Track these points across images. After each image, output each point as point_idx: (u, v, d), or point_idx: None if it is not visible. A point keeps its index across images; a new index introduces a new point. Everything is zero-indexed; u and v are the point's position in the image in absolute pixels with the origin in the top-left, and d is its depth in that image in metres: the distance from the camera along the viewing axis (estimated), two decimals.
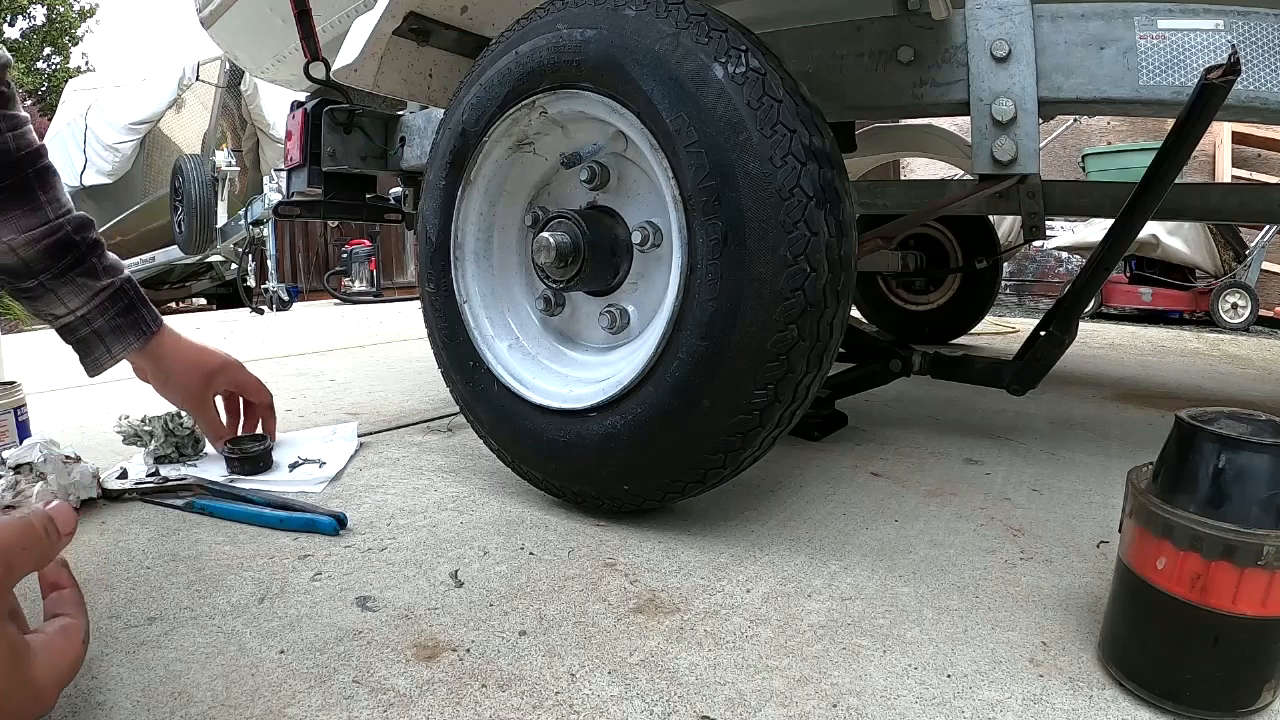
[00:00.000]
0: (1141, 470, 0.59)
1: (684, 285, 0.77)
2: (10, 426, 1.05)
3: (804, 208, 0.72)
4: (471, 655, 0.61)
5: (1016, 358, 1.20)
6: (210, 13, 1.81)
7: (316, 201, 1.52)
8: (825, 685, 0.58)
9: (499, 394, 0.94)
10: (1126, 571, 0.57)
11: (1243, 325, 3.82)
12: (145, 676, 0.57)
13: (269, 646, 0.61)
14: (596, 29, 0.81)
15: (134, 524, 0.87)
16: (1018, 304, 4.73)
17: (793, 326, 0.73)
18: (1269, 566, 0.49)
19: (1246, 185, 2.20)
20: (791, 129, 0.72)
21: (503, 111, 0.91)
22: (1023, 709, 0.55)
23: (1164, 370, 2.27)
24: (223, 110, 6.21)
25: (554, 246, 0.87)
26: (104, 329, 0.89)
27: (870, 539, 0.86)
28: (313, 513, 0.87)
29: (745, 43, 0.76)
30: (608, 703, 0.55)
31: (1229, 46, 0.85)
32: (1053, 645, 0.63)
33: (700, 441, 0.78)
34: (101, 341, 0.89)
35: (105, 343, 0.89)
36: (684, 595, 0.72)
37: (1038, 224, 1.90)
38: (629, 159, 0.91)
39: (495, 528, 0.88)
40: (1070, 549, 0.84)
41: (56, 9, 12.45)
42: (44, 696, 0.44)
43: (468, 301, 0.99)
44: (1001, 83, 0.95)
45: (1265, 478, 0.50)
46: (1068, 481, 1.09)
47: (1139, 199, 0.99)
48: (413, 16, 1.14)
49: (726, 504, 0.96)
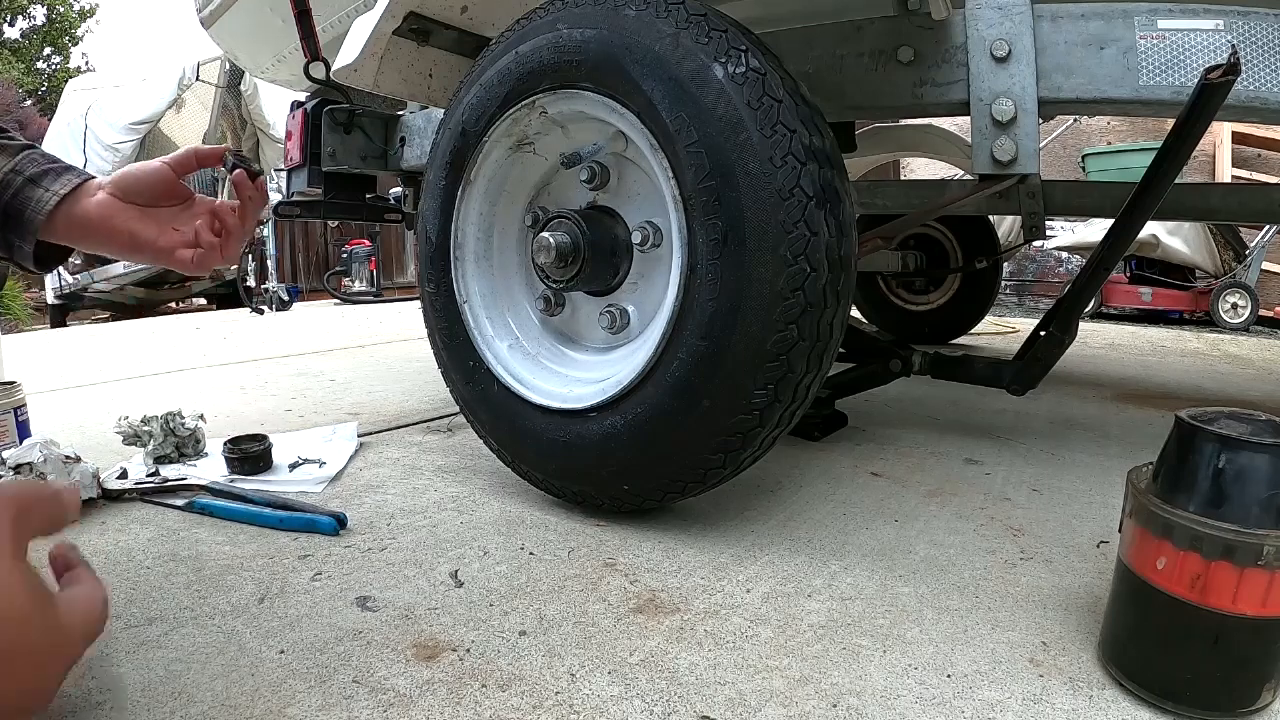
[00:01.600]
0: (1141, 470, 0.59)
1: (684, 285, 0.77)
2: (10, 426, 1.05)
3: (804, 208, 0.72)
4: (471, 655, 0.61)
5: (1016, 358, 1.19)
6: (210, 13, 1.81)
7: (316, 201, 1.52)
8: (825, 685, 0.58)
9: (499, 394, 0.94)
10: (1126, 571, 0.57)
11: (1243, 325, 3.82)
12: (145, 676, 0.57)
13: (269, 646, 0.61)
14: (596, 29, 0.81)
15: (134, 524, 0.87)
16: (1018, 304, 4.73)
17: (793, 326, 0.73)
18: (1269, 566, 0.49)
19: (1246, 185, 2.20)
20: (791, 129, 0.72)
21: (503, 111, 0.91)
22: (1023, 709, 0.55)
23: (1164, 370, 2.27)
24: (223, 110, 6.21)
25: (554, 246, 0.87)
26: (38, 175, 0.75)
27: (870, 539, 0.86)
28: (313, 513, 0.87)
29: (745, 43, 0.76)
30: (608, 703, 0.55)
31: (1229, 46, 0.85)
32: (1053, 645, 0.63)
33: (700, 441, 0.78)
34: (38, 185, 0.74)
35: (43, 184, 0.75)
36: (684, 595, 0.72)
37: (1038, 224, 1.90)
38: (629, 159, 0.91)
39: (495, 528, 0.88)
40: (1070, 549, 0.84)
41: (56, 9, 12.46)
42: (73, 644, 0.43)
43: (468, 301, 0.99)
44: (1001, 83, 0.95)
45: (1265, 478, 0.50)
46: (1068, 481, 1.09)
47: (1139, 199, 0.99)
48: (413, 16, 1.14)
49: (726, 504, 0.96)
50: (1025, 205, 1.88)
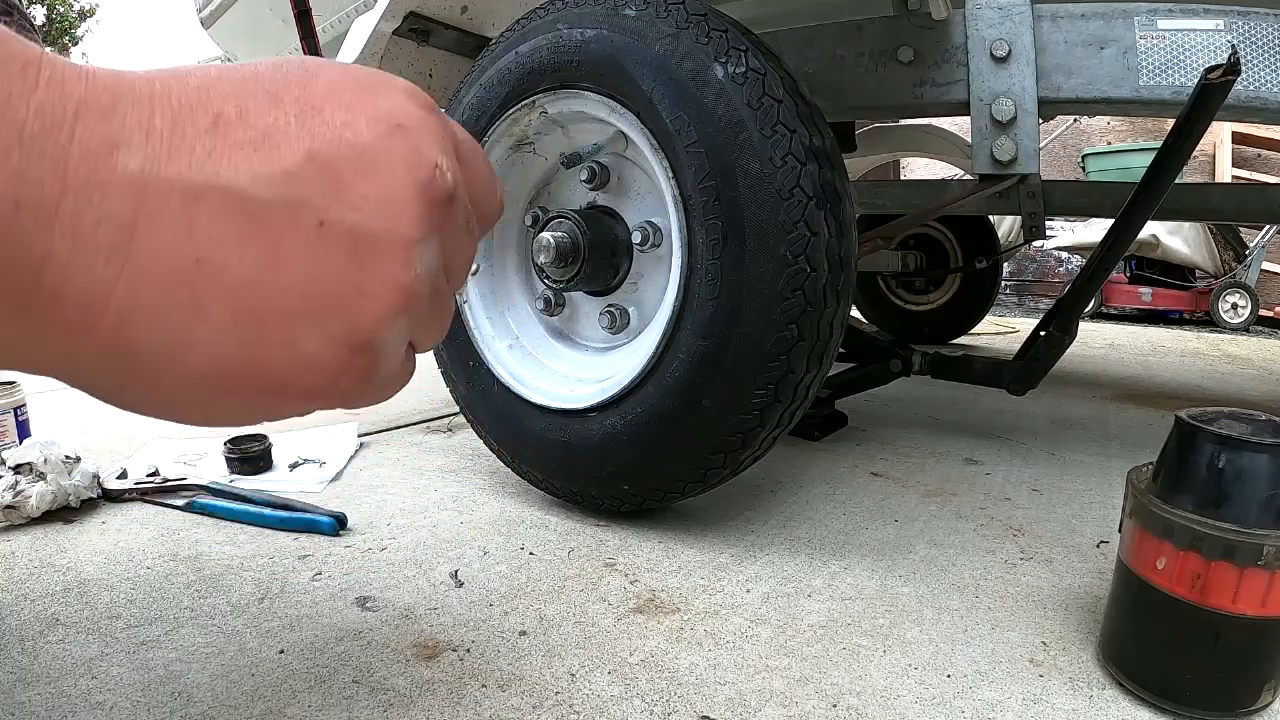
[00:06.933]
0: (1141, 470, 0.59)
1: (684, 285, 0.77)
2: (10, 426, 1.05)
3: (804, 208, 0.72)
4: (471, 655, 0.61)
5: (1016, 358, 1.19)
6: (210, 13, 1.81)
7: None
8: (825, 685, 0.58)
9: (499, 394, 0.94)
10: (1126, 571, 0.57)
11: (1243, 325, 3.82)
12: (145, 676, 0.57)
13: (269, 646, 0.61)
14: (596, 29, 0.81)
15: (134, 524, 0.87)
16: (1018, 304, 4.73)
17: (793, 326, 0.73)
18: (1269, 566, 0.49)
19: (1246, 185, 2.19)
20: (791, 129, 0.72)
21: (503, 111, 0.91)
22: (1023, 709, 0.55)
23: (1164, 370, 2.27)
24: None
25: (554, 246, 0.87)
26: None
27: (870, 539, 0.86)
28: (313, 513, 0.87)
29: (745, 43, 0.76)
30: (608, 703, 0.55)
31: (1229, 46, 0.85)
32: (1053, 645, 0.63)
33: (700, 441, 0.78)
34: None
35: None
36: (684, 595, 0.72)
37: (1038, 224, 1.90)
38: (629, 159, 0.91)
39: (495, 528, 0.88)
40: (1070, 549, 0.84)
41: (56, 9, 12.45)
42: None
43: (467, 301, 0.99)
44: (1001, 83, 0.95)
45: (1265, 478, 0.50)
46: (1068, 481, 1.09)
47: (1139, 199, 0.99)
48: (413, 16, 1.14)
49: (726, 504, 0.96)
50: (1025, 205, 1.88)
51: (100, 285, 0.21)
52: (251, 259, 0.22)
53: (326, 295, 0.23)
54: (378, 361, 0.25)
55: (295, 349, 0.23)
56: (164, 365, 0.22)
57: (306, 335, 0.24)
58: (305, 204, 0.23)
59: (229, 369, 0.23)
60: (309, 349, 0.24)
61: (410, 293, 0.25)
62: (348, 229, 0.23)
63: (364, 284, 0.24)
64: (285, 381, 0.24)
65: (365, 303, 0.24)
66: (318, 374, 0.24)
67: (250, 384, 0.23)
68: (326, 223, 0.23)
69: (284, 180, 0.23)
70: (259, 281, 0.22)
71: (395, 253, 0.24)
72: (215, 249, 0.22)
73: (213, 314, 0.22)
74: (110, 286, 0.21)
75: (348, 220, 0.23)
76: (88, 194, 0.20)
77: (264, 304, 0.23)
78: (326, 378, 0.24)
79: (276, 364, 0.23)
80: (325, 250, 0.23)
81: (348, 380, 0.25)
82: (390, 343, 0.26)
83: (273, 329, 0.23)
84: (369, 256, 0.24)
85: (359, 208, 0.24)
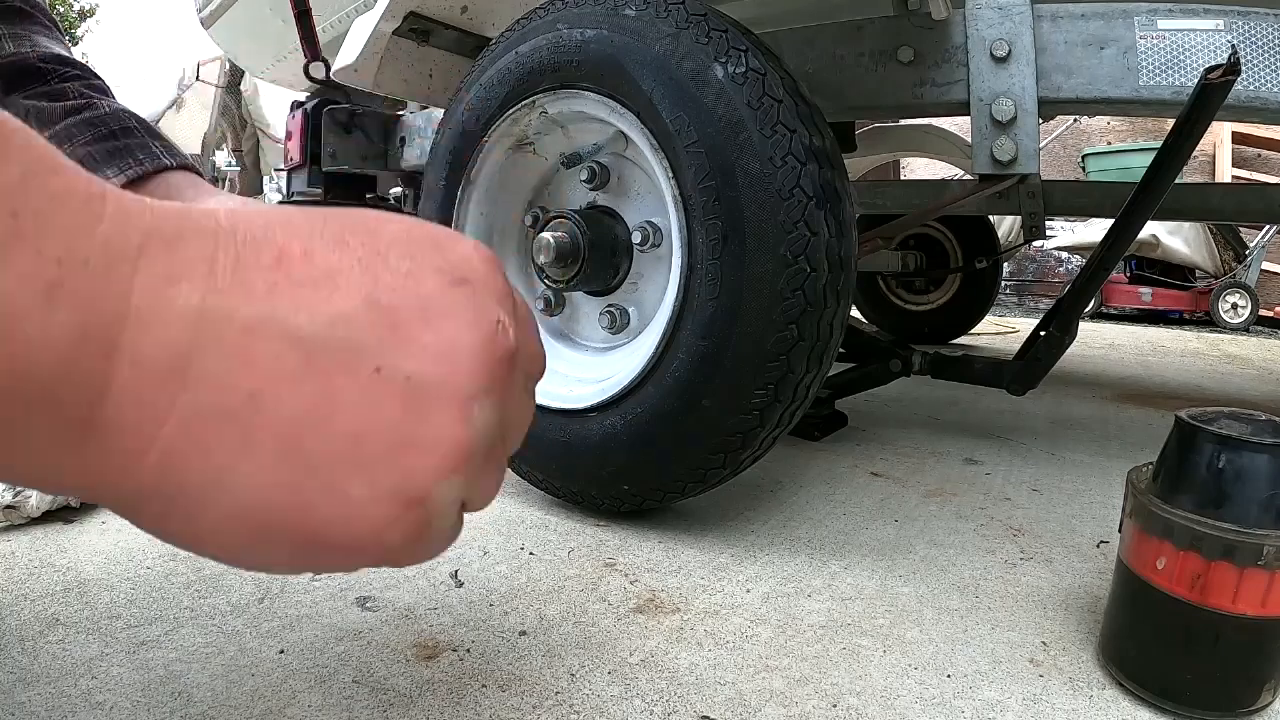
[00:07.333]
0: (1141, 470, 0.59)
1: (684, 285, 0.77)
2: None
3: (804, 208, 0.72)
4: (471, 655, 0.61)
5: (1016, 358, 1.20)
6: (210, 13, 1.81)
7: (317, 202, 1.52)
8: (825, 685, 0.58)
9: None
10: (1126, 571, 0.57)
11: (1243, 325, 3.83)
12: (145, 676, 0.57)
13: (269, 646, 0.61)
14: (596, 29, 0.81)
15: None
16: (1018, 304, 4.73)
17: (793, 326, 0.73)
18: (1269, 566, 0.49)
19: (1246, 185, 2.20)
20: (791, 129, 0.72)
21: (503, 111, 0.91)
22: (1023, 709, 0.55)
23: (1164, 370, 2.27)
24: (223, 110, 6.21)
25: (554, 246, 0.87)
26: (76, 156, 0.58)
27: (870, 539, 0.86)
28: None
29: (745, 43, 0.76)
30: (608, 703, 0.55)
31: (1229, 46, 0.85)
32: (1053, 645, 0.63)
33: (700, 441, 0.78)
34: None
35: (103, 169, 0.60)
36: (684, 595, 0.72)
37: (1038, 224, 1.91)
38: (629, 159, 0.91)
39: (495, 527, 0.88)
40: (1070, 549, 0.84)
41: (56, 9, 12.47)
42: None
43: None
44: (1001, 83, 0.95)
45: (1265, 478, 0.50)
46: (1068, 481, 1.09)
47: (1139, 199, 0.99)
48: (413, 16, 1.14)
49: (726, 504, 0.96)
50: (1025, 205, 1.88)
51: (154, 411, 0.20)
52: (305, 398, 0.22)
53: (379, 444, 0.23)
54: (430, 518, 0.24)
55: (342, 496, 0.23)
56: (207, 498, 0.22)
57: (355, 483, 0.23)
58: (363, 348, 0.22)
59: (271, 509, 0.22)
60: (357, 497, 0.23)
61: (468, 449, 0.24)
62: (405, 377, 0.23)
63: (419, 435, 0.23)
64: (328, 528, 0.23)
65: (420, 455, 0.23)
66: (363, 524, 0.23)
67: (292, 527, 0.23)
68: (384, 369, 0.23)
69: (343, 322, 0.22)
70: (310, 421, 0.22)
71: (453, 406, 0.23)
72: (269, 384, 0.21)
73: (260, 450, 0.22)
74: (165, 413, 0.21)
75: (405, 368, 0.23)
76: (148, 324, 0.20)
77: (313, 445, 0.22)
78: (372, 530, 0.23)
79: (320, 509, 0.23)
80: (380, 397, 0.23)
81: (396, 535, 0.24)
82: (444, 500, 0.25)
83: (321, 472, 0.22)
84: (426, 408, 0.23)
85: (418, 357, 0.23)
